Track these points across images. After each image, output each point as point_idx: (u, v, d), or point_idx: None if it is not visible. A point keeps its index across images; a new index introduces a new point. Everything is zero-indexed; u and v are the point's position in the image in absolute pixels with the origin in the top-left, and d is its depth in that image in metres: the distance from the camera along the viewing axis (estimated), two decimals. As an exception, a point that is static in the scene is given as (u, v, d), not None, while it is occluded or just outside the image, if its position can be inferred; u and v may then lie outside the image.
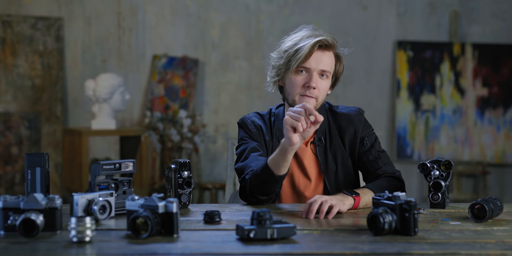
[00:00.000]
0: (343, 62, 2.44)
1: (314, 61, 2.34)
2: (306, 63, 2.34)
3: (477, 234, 1.83)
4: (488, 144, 5.58)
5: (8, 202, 1.81)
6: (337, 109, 2.47)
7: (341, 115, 2.45)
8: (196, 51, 5.49)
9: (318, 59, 2.34)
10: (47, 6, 5.31)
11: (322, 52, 2.35)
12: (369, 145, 2.42)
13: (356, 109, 2.47)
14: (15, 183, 5.12)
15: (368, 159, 2.41)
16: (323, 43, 2.34)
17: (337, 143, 2.42)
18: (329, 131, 2.43)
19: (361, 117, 2.45)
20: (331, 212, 2.05)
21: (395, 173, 2.38)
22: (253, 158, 2.34)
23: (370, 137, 2.44)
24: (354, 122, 2.43)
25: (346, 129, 2.42)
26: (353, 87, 5.47)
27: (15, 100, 5.15)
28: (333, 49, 2.38)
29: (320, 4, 5.54)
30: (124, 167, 2.13)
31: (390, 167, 2.40)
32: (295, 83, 2.36)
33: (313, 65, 2.34)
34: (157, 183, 5.27)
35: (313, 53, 2.33)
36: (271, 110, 2.51)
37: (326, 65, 2.36)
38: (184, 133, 5.14)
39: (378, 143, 2.46)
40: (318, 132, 2.41)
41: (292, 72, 2.35)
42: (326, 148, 2.41)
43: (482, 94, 5.59)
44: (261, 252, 1.63)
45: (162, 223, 1.78)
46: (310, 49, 2.32)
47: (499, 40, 5.61)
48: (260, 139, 2.42)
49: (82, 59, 5.38)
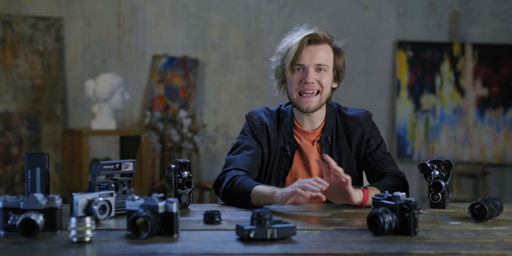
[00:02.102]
0: (344, 56, 2.42)
1: (307, 57, 2.34)
2: (300, 60, 2.34)
3: (477, 234, 1.83)
4: (488, 144, 5.58)
5: (8, 202, 1.81)
6: (346, 111, 2.47)
7: (349, 117, 2.44)
8: (196, 51, 5.49)
9: (311, 54, 2.34)
10: (47, 6, 5.30)
11: (314, 46, 2.35)
12: (374, 146, 2.42)
13: (365, 111, 2.47)
14: (15, 183, 5.12)
15: (373, 159, 2.41)
16: (313, 38, 2.34)
17: (343, 143, 2.42)
18: (336, 131, 2.43)
19: (369, 120, 2.45)
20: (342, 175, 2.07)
21: (400, 174, 2.38)
22: (241, 158, 2.35)
23: (376, 139, 2.45)
24: (362, 124, 2.43)
25: (354, 131, 2.42)
26: (353, 87, 5.47)
27: (15, 100, 5.15)
28: (327, 42, 2.37)
29: (320, 4, 5.54)
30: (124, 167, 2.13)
31: (395, 168, 2.41)
32: (292, 81, 2.37)
33: (307, 61, 2.34)
34: (157, 183, 5.27)
35: (304, 48, 2.33)
36: (281, 106, 2.50)
37: (321, 59, 2.35)
38: (184, 133, 5.14)
39: (384, 145, 2.46)
40: (325, 132, 2.42)
41: (289, 71, 2.36)
42: (331, 148, 2.41)
43: (482, 94, 5.59)
44: (261, 252, 1.63)
45: (162, 223, 1.78)
46: (300, 44, 2.32)
47: (499, 40, 5.61)
48: (262, 136, 2.41)
49: (82, 59, 5.38)
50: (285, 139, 2.42)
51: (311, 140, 2.43)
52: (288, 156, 2.40)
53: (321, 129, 2.43)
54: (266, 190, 2.15)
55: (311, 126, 2.43)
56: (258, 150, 2.40)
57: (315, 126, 2.43)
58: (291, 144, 2.41)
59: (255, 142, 2.41)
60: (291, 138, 2.41)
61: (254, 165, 2.37)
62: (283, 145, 2.41)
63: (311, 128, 2.43)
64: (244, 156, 2.36)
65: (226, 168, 2.33)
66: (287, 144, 2.41)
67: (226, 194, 2.27)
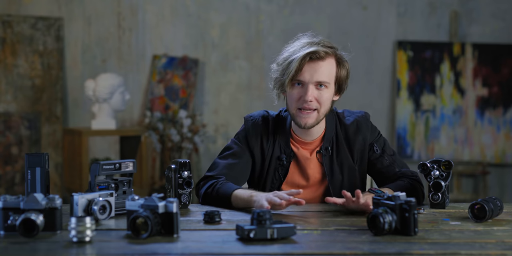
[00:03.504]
0: (347, 65, 2.36)
1: (307, 74, 2.27)
2: (300, 76, 2.28)
3: (477, 234, 1.83)
4: (488, 144, 5.58)
5: (8, 202, 1.82)
6: (344, 118, 2.42)
7: (348, 125, 2.40)
8: (196, 51, 5.49)
9: (312, 71, 2.27)
10: (47, 6, 5.30)
11: (315, 63, 2.28)
12: (379, 151, 2.39)
13: (362, 114, 2.43)
14: (15, 183, 5.12)
15: (383, 165, 2.38)
16: (315, 55, 2.27)
17: (344, 153, 2.38)
18: (337, 140, 2.39)
19: (368, 123, 2.42)
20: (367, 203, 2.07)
21: (415, 176, 2.36)
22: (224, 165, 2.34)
23: (379, 142, 2.42)
24: (362, 130, 2.39)
25: (355, 138, 2.39)
26: (353, 87, 5.42)
27: (15, 100, 5.15)
28: (329, 56, 2.30)
29: (320, 4, 5.54)
30: (124, 167, 2.13)
31: (407, 169, 2.39)
32: (292, 97, 2.31)
33: (307, 78, 2.28)
34: (157, 183, 5.27)
35: (305, 65, 2.27)
36: (281, 112, 2.46)
37: (322, 76, 2.28)
38: (184, 133, 5.14)
39: (388, 145, 2.43)
40: (325, 142, 2.37)
41: (288, 86, 2.30)
42: (332, 158, 2.38)
43: (482, 94, 5.59)
44: (261, 252, 1.63)
45: (162, 223, 1.78)
46: (300, 62, 2.26)
47: (499, 40, 5.61)
48: (255, 144, 2.38)
49: (82, 59, 5.38)
50: (281, 148, 2.38)
51: (309, 149, 2.39)
52: (283, 166, 2.36)
53: (320, 139, 2.39)
54: (244, 194, 2.17)
55: (310, 136, 2.39)
56: (247, 159, 2.37)
57: (314, 137, 2.39)
58: (287, 153, 2.37)
59: (245, 150, 2.37)
60: (288, 147, 2.37)
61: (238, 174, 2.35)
62: (278, 155, 2.37)
63: (309, 138, 2.39)
64: (227, 164, 2.35)
65: (209, 173, 2.34)
66: (283, 153, 2.37)
67: (206, 197, 2.28)
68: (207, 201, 2.28)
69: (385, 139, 2.46)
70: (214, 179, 2.30)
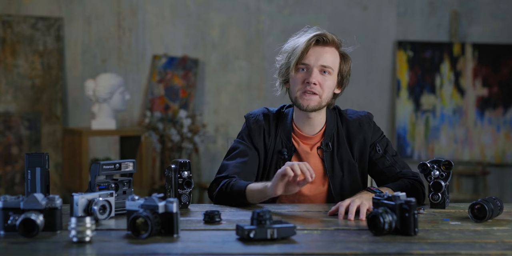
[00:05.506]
0: (350, 62, 2.40)
1: (313, 57, 2.32)
2: (305, 59, 2.32)
3: (477, 234, 1.83)
4: (488, 144, 5.58)
5: (8, 202, 1.81)
6: (347, 115, 2.44)
7: (350, 121, 2.41)
8: (196, 51, 5.49)
9: (317, 55, 2.32)
10: (47, 6, 5.30)
11: (321, 47, 2.33)
12: (382, 151, 2.40)
13: (365, 114, 2.44)
14: (15, 183, 5.12)
15: (384, 166, 2.39)
16: (321, 38, 2.32)
17: (345, 149, 2.38)
18: (337, 136, 2.40)
19: (370, 123, 2.42)
20: (362, 212, 2.01)
21: (416, 176, 2.36)
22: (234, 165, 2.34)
23: (381, 142, 2.42)
24: (364, 128, 2.40)
25: (355, 136, 2.39)
26: (353, 87, 5.45)
27: (15, 100, 5.15)
28: (334, 45, 2.35)
29: (320, 4, 5.54)
30: (124, 167, 2.13)
31: (409, 170, 2.39)
32: (296, 81, 2.34)
33: (312, 61, 2.31)
34: (157, 183, 5.27)
35: (311, 48, 2.31)
36: (282, 108, 2.47)
37: (327, 61, 2.32)
38: (184, 133, 5.14)
39: (391, 146, 2.43)
40: (326, 137, 2.38)
41: (293, 70, 2.33)
42: (333, 154, 2.38)
43: (482, 94, 5.59)
44: (261, 252, 1.63)
45: (162, 223, 1.78)
46: (307, 43, 2.30)
47: (499, 40, 5.61)
48: (258, 140, 2.39)
49: (82, 59, 5.38)
50: (282, 142, 2.39)
51: (310, 144, 2.39)
52: (285, 160, 2.37)
53: (321, 134, 2.39)
54: (259, 186, 2.17)
55: (310, 130, 2.39)
56: (254, 156, 2.38)
57: (315, 131, 2.40)
58: (288, 147, 2.38)
59: (251, 147, 2.38)
60: (289, 142, 2.38)
61: (248, 171, 2.35)
62: (280, 149, 2.38)
63: (310, 133, 2.39)
64: (237, 163, 2.35)
65: (220, 175, 2.33)
66: (284, 147, 2.38)
67: (220, 196, 2.27)
68: (222, 200, 2.27)
69: (389, 140, 2.46)
70: (226, 178, 2.30)
